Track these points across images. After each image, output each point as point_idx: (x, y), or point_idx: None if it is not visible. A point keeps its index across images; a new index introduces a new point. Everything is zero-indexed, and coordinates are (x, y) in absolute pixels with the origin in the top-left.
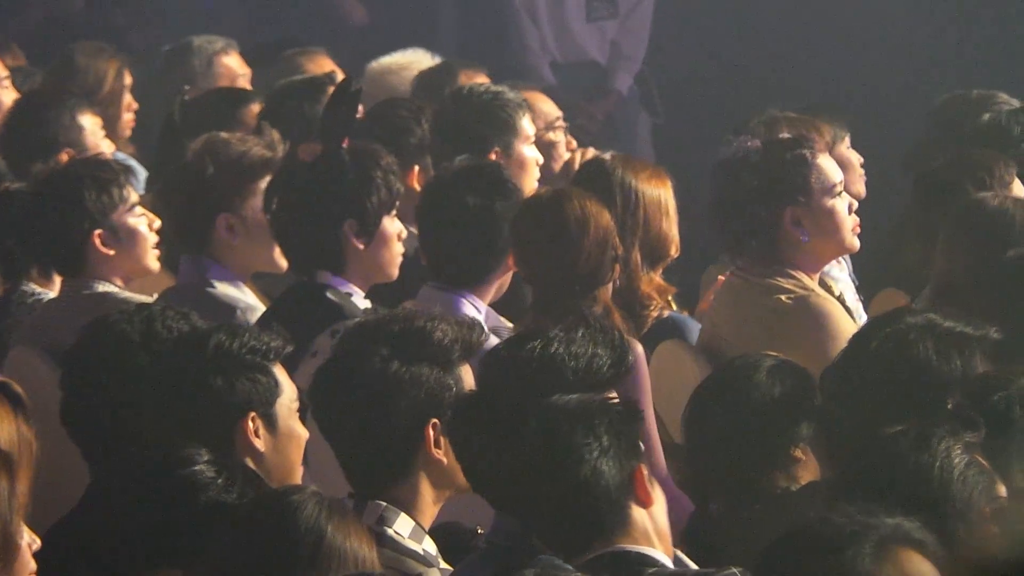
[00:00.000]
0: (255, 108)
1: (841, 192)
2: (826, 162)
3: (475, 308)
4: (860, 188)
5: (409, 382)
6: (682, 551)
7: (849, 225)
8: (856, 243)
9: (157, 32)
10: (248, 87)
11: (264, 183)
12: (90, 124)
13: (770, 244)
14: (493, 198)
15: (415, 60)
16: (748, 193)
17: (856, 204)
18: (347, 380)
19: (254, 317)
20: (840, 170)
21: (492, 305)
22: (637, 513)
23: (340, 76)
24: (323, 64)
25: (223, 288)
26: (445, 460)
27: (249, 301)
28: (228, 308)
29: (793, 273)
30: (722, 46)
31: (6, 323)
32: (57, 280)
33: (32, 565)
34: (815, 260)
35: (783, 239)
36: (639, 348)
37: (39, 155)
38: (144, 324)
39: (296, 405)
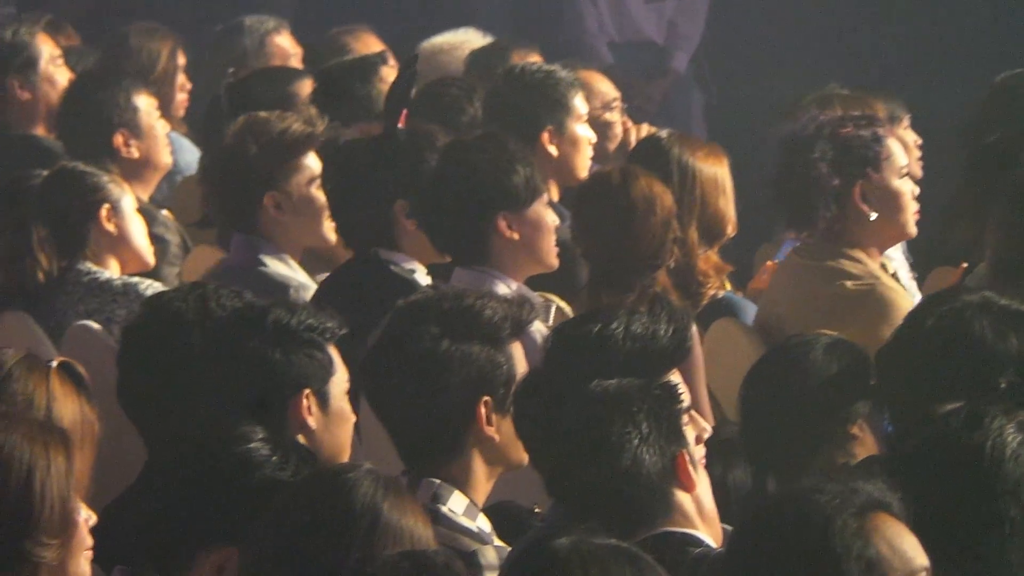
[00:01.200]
0: (306, 86)
1: (907, 175)
2: (895, 144)
3: (507, 287)
4: (916, 170)
5: (460, 360)
6: None
7: (912, 209)
8: (915, 230)
9: (207, 12)
10: (300, 67)
11: (307, 159)
12: (145, 104)
13: (838, 218)
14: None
15: (467, 40)
16: (821, 164)
17: (918, 190)
18: (398, 359)
19: (307, 295)
20: (906, 154)
21: (544, 281)
22: (681, 497)
23: (390, 56)
24: (369, 43)
25: (274, 266)
26: (497, 437)
27: (301, 279)
28: (281, 286)
29: (856, 255)
30: (775, 24)
31: (63, 300)
32: (112, 260)
33: (89, 541)
34: (878, 240)
35: (851, 213)
36: (693, 327)
37: (94, 135)
38: (198, 302)
39: (348, 386)
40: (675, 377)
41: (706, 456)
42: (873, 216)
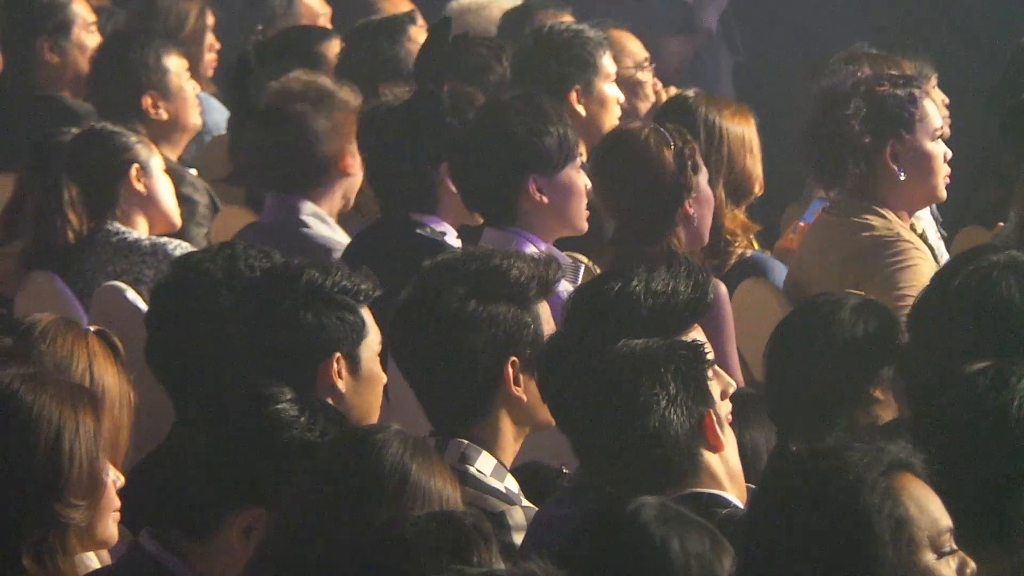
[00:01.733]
0: (334, 46)
1: (940, 137)
2: (931, 105)
3: (535, 248)
4: (944, 129)
5: (487, 321)
6: None
7: (943, 172)
8: (944, 194)
9: None
10: (329, 26)
11: None
12: (175, 66)
13: (867, 177)
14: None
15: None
16: (853, 120)
17: (950, 154)
18: (425, 320)
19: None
20: (940, 116)
21: (571, 240)
22: (709, 458)
23: (419, 16)
24: (398, 3)
25: (317, 227)
26: (525, 397)
27: (342, 240)
28: (324, 249)
29: (883, 212)
30: None
31: (92, 260)
32: (141, 220)
33: (117, 503)
34: (906, 202)
35: (881, 173)
36: (722, 287)
37: (123, 96)
38: (227, 262)
39: (379, 348)
40: (698, 334)
41: None
42: (902, 177)
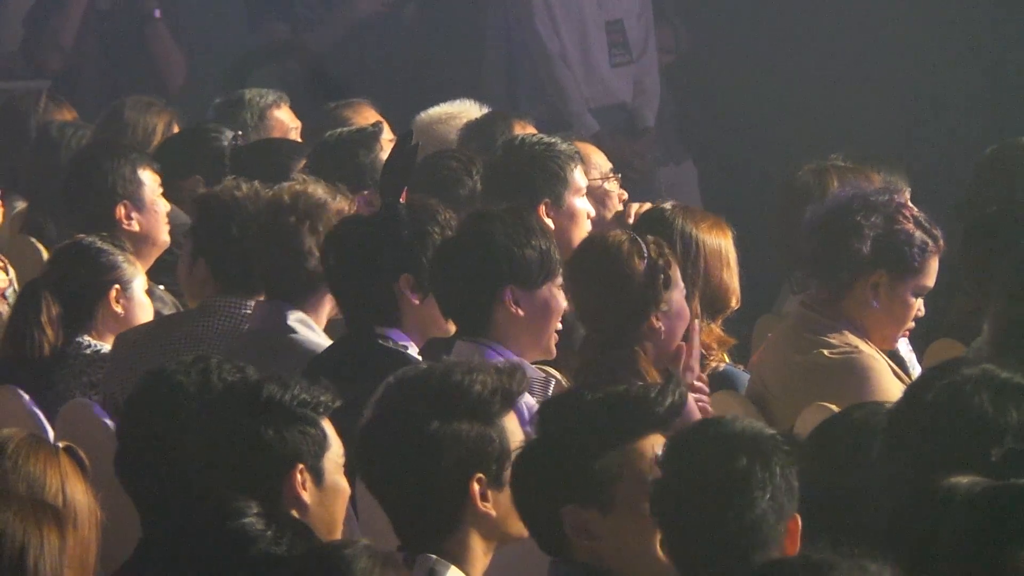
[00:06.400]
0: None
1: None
2: (934, 264)
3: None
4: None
5: (450, 439)
6: None
7: (908, 326)
8: (895, 345)
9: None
10: (299, 140)
11: None
12: (149, 180)
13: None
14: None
15: (464, 110)
16: (869, 232)
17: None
18: (388, 439)
19: None
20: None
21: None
22: None
23: (386, 126)
24: (368, 116)
25: (304, 333)
26: (493, 513)
27: (326, 345)
28: (310, 353)
29: (838, 328)
30: (771, 95)
31: (63, 373)
32: (113, 338)
33: None
34: (866, 329)
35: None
36: (692, 401)
37: (96, 205)
38: (200, 376)
39: (342, 460)
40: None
41: None
42: (875, 305)
